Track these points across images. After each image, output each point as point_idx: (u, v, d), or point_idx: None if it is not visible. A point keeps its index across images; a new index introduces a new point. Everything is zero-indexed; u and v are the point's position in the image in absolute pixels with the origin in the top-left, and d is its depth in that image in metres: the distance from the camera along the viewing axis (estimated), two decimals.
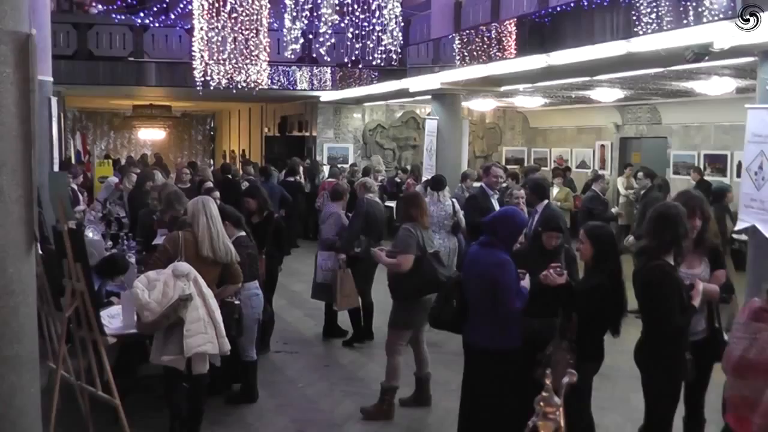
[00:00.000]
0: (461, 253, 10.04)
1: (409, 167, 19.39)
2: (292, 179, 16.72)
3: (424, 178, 15.35)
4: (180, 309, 5.80)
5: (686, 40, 8.63)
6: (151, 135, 30.99)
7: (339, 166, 19.02)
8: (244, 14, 14.78)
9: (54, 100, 11.07)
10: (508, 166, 20.00)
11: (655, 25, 9.30)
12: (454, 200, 10.57)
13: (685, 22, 8.82)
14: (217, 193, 9.34)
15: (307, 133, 22.54)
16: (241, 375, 7.34)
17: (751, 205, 8.23)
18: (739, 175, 11.48)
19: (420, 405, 7.20)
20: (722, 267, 5.70)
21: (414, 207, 7.15)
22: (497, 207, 8.91)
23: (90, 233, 9.09)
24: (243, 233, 7.16)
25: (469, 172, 13.16)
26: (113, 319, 6.58)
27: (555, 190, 14.04)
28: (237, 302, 6.68)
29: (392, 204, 14.63)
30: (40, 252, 5.75)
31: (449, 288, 5.88)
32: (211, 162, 29.90)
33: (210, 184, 11.11)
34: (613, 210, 11.94)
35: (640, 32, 9.61)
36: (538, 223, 7.11)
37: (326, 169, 19.21)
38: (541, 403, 2.46)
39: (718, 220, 7.97)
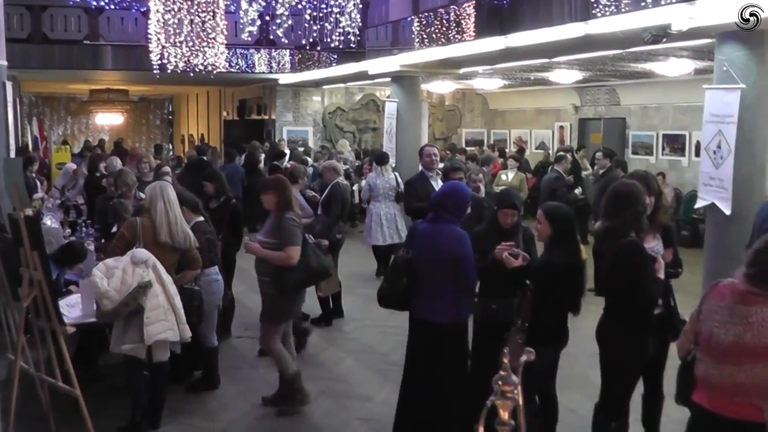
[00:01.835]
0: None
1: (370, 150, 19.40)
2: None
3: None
4: (139, 296, 5.77)
5: (644, 22, 8.68)
6: (108, 120, 30.58)
7: (299, 149, 18.95)
8: None
9: (9, 85, 10.86)
10: (468, 148, 20.10)
11: (613, 7, 9.38)
12: (396, 174, 12.58)
13: (642, 4, 8.90)
14: (169, 178, 9.28)
15: (266, 117, 22.43)
16: (202, 362, 7.30)
17: (710, 184, 8.35)
18: (697, 155, 11.63)
19: (284, 403, 6.86)
20: (672, 243, 5.79)
21: (289, 192, 6.79)
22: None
23: (48, 221, 9.00)
24: (201, 218, 7.11)
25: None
26: (72, 308, 6.52)
27: (510, 175, 14.09)
28: (197, 288, 6.65)
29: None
30: None
31: (400, 265, 5.77)
32: (170, 147, 29.60)
33: (167, 169, 11.03)
34: (577, 191, 11.96)
35: (598, 14, 9.68)
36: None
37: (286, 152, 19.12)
38: (499, 382, 2.48)
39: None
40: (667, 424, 5.58)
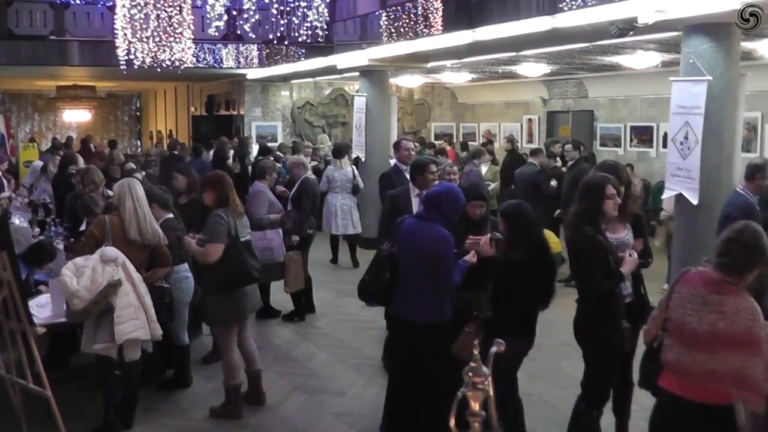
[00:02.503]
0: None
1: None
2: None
3: (353, 155, 15.39)
4: (110, 295, 5.74)
5: (611, 16, 8.72)
6: (76, 116, 30.20)
7: (269, 144, 18.85)
8: None
9: None
10: (436, 142, 20.12)
11: (579, 0, 9.42)
12: (353, 166, 13.39)
13: None
14: (140, 175, 9.22)
15: (235, 112, 22.28)
16: (174, 360, 7.27)
17: (677, 174, 8.42)
18: (665, 146, 11.73)
19: (252, 403, 6.83)
20: (643, 233, 5.86)
21: (228, 189, 6.61)
22: None
23: (16, 220, 8.92)
24: (171, 215, 7.07)
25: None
26: (42, 308, 6.47)
27: (483, 168, 14.10)
28: (167, 286, 6.62)
29: None
30: None
31: (383, 259, 5.76)
32: (139, 143, 29.37)
33: (132, 165, 10.97)
34: (552, 183, 11.98)
35: (565, 8, 9.71)
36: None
37: (255, 147, 19.00)
38: (470, 374, 2.50)
39: None
40: (636, 411, 5.65)
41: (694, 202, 8.14)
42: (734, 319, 3.77)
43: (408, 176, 8.20)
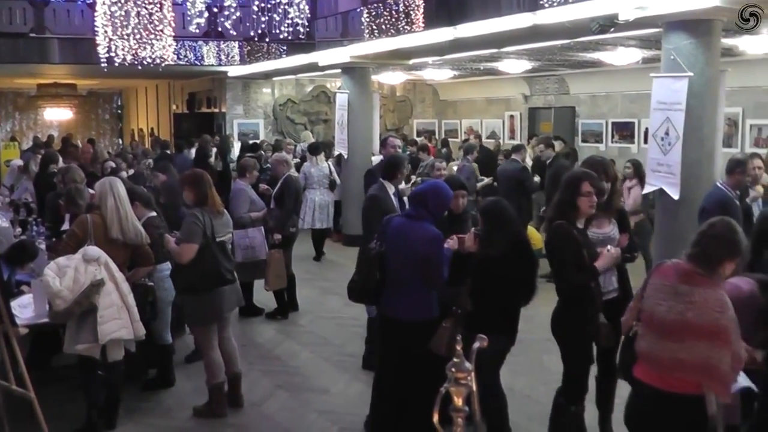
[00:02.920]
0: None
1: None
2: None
3: (336, 152, 15.40)
4: (92, 295, 5.72)
5: (591, 12, 8.76)
6: (57, 115, 30.00)
7: (251, 141, 18.80)
8: None
9: None
10: (417, 139, 20.14)
11: None
12: (329, 162, 14.13)
13: None
14: (123, 174, 9.19)
15: (217, 110, 22.20)
16: (157, 359, 7.25)
17: (658, 170, 8.47)
18: (646, 142, 11.81)
19: (231, 405, 6.72)
20: (627, 228, 5.90)
21: (207, 187, 6.50)
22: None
23: None
24: (154, 213, 7.03)
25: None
26: (24, 309, 6.42)
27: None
28: (150, 284, 6.60)
29: None
30: None
31: (372, 258, 5.70)
32: (120, 141, 29.21)
33: (112, 164, 10.94)
34: (536, 178, 12.04)
35: (546, 5, 9.76)
36: None
37: (237, 145, 18.95)
38: (453, 369, 2.52)
39: None
40: (620, 405, 5.68)
41: (675, 197, 8.19)
42: (703, 310, 3.82)
43: None
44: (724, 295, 3.87)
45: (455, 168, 13.60)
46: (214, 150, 16.68)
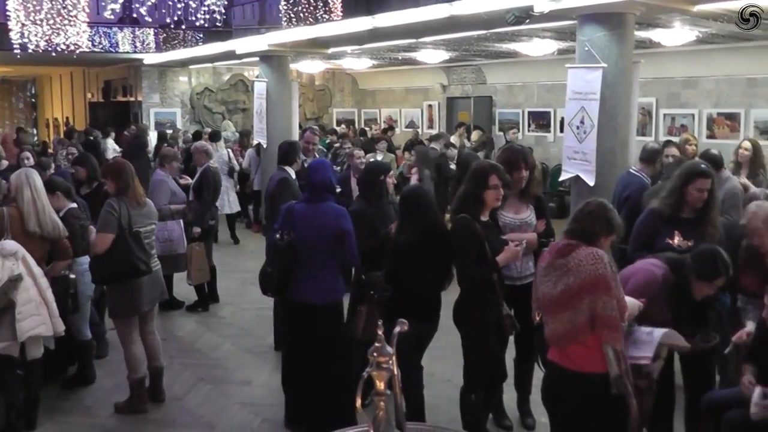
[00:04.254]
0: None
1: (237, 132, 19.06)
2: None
3: (254, 142, 15.29)
4: (10, 291, 5.57)
5: (507, 4, 8.88)
6: None
7: (168, 131, 18.51)
8: None
9: None
10: (337, 128, 20.13)
11: None
12: (228, 150, 14.79)
13: None
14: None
15: (133, 98, 21.80)
16: (77, 356, 7.11)
17: (574, 157, 8.62)
18: (562, 131, 12.03)
19: (152, 400, 6.65)
20: (544, 214, 6.01)
21: (129, 178, 6.36)
22: None
23: None
24: (74, 204, 6.88)
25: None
26: None
27: (380, 157, 14.09)
28: (72, 276, 6.44)
29: None
30: None
31: (283, 249, 5.70)
32: (35, 131, 28.41)
33: (28, 154, 10.65)
34: (452, 166, 12.15)
35: None
36: None
37: (153, 135, 18.61)
38: (375, 354, 2.54)
39: None
40: (537, 386, 5.80)
41: (591, 183, 8.35)
42: (579, 269, 3.97)
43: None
44: (597, 250, 4.03)
45: (380, 158, 13.56)
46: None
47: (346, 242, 5.58)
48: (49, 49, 14.64)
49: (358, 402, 2.56)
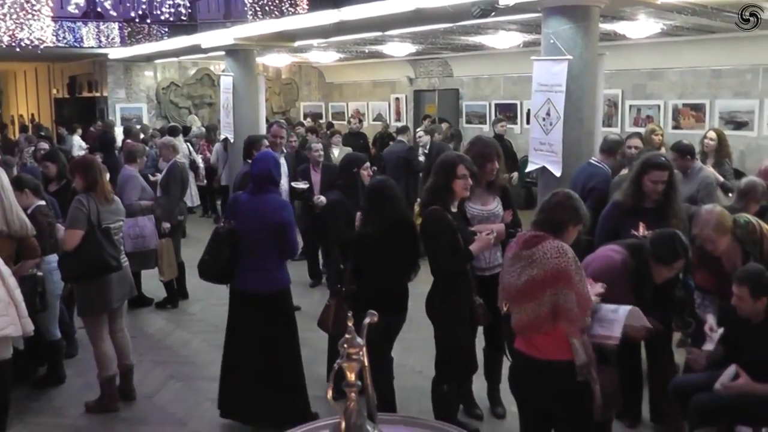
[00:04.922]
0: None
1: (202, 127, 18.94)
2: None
3: (222, 137, 15.23)
4: None
5: None
6: None
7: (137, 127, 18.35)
8: None
9: None
10: (304, 121, 20.10)
11: None
12: (188, 144, 14.87)
13: None
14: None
15: (98, 94, 21.61)
16: (46, 356, 7.05)
17: (540, 149, 8.69)
18: (528, 122, 12.11)
19: (123, 399, 6.61)
20: (511, 205, 6.06)
21: (97, 174, 6.33)
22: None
23: None
24: (43, 202, 6.80)
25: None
26: None
27: (336, 151, 14.01)
28: (40, 274, 6.36)
29: None
30: None
31: (222, 236, 5.77)
32: None
33: None
34: (421, 158, 12.19)
35: None
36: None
37: (119, 131, 18.45)
38: (345, 345, 2.56)
39: None
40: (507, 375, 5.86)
41: (557, 174, 8.42)
42: (543, 262, 4.01)
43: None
44: (562, 243, 4.08)
45: (336, 152, 13.49)
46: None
47: (287, 233, 5.72)
48: (13, 44, 14.46)
49: (329, 394, 2.58)
